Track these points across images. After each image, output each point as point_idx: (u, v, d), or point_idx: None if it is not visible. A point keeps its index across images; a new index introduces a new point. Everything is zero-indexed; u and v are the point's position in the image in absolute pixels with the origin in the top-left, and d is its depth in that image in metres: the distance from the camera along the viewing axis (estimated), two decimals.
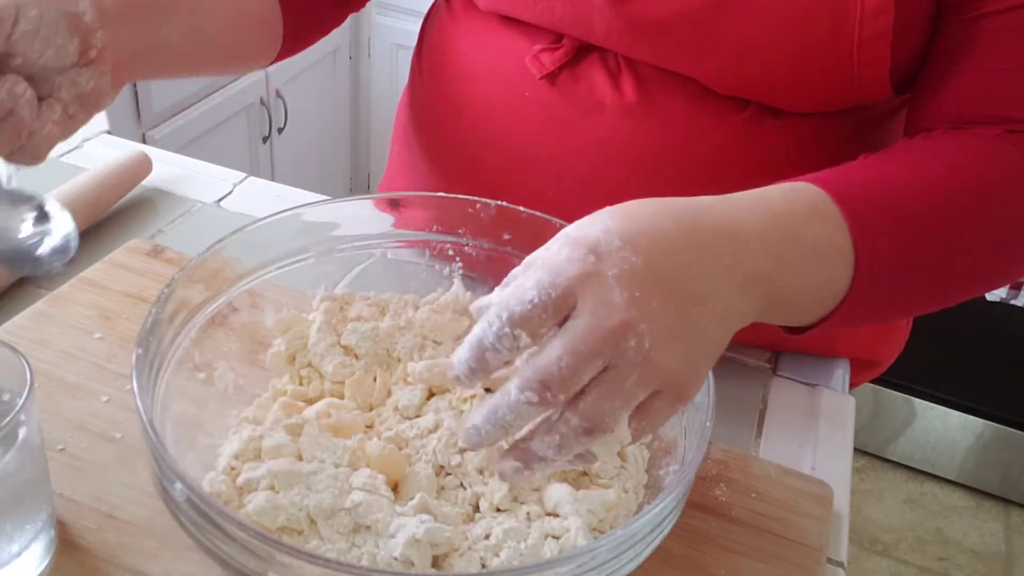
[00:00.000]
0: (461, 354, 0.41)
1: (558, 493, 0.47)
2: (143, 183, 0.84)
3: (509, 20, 0.67)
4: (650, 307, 0.38)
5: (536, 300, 0.38)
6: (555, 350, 0.38)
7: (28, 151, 0.48)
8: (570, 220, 0.43)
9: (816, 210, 0.47)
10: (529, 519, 0.47)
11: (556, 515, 0.46)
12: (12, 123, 0.46)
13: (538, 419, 0.41)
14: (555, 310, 0.38)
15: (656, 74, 0.62)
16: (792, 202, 0.47)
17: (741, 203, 0.45)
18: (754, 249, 0.43)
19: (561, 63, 0.64)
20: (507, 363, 0.41)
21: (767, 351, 0.73)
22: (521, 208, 0.57)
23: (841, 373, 0.72)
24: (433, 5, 0.76)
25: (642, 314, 0.38)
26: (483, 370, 0.41)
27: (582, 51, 0.64)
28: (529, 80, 0.65)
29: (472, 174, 0.71)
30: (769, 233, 0.44)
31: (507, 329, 0.39)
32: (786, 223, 0.45)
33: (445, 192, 0.59)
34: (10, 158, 0.48)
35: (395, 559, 0.42)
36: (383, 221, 0.60)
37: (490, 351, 0.40)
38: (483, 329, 0.40)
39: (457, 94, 0.71)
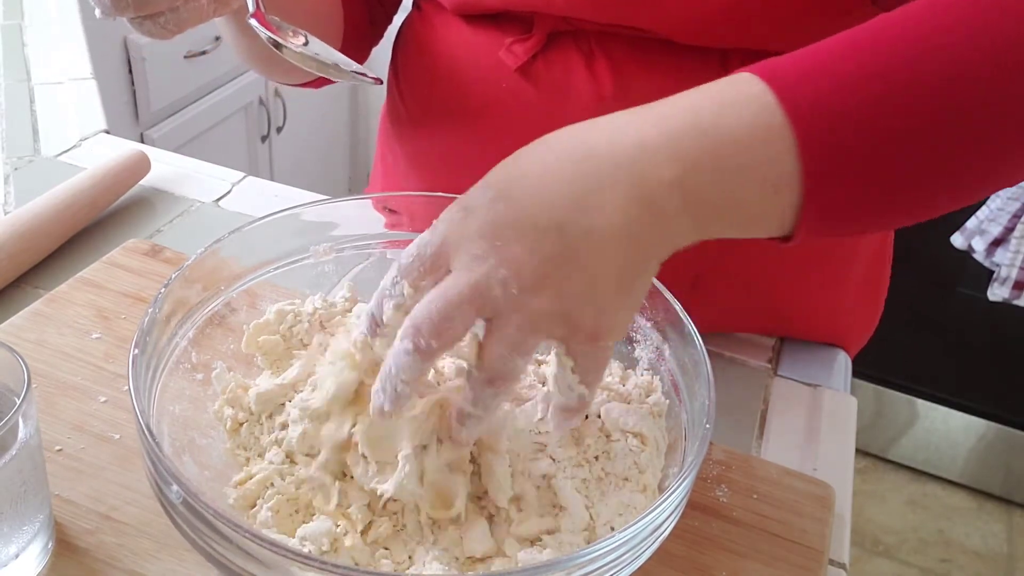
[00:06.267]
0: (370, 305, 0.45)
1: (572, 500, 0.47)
2: (141, 182, 0.84)
3: (478, 18, 0.67)
4: (511, 253, 0.39)
5: (414, 253, 0.42)
6: (427, 298, 0.41)
7: (175, 19, 0.51)
8: None
9: (739, 94, 0.42)
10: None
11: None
12: None
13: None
14: (432, 264, 0.42)
15: (630, 55, 0.62)
16: (716, 94, 0.43)
17: (660, 109, 0.43)
18: (660, 158, 0.41)
19: (534, 52, 0.64)
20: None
21: (769, 351, 0.72)
22: None
23: (843, 373, 0.72)
24: (406, 17, 0.77)
25: (501, 261, 0.39)
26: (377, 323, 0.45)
27: (553, 38, 0.64)
28: (505, 73, 0.65)
29: (457, 173, 0.70)
30: (679, 135, 0.41)
31: (397, 279, 0.43)
32: (701, 118, 0.41)
33: (432, 192, 0.59)
34: (153, 21, 0.52)
35: None
36: (382, 221, 0.60)
37: (385, 299, 0.44)
38: (384, 281, 0.44)
39: (435, 96, 0.71)
